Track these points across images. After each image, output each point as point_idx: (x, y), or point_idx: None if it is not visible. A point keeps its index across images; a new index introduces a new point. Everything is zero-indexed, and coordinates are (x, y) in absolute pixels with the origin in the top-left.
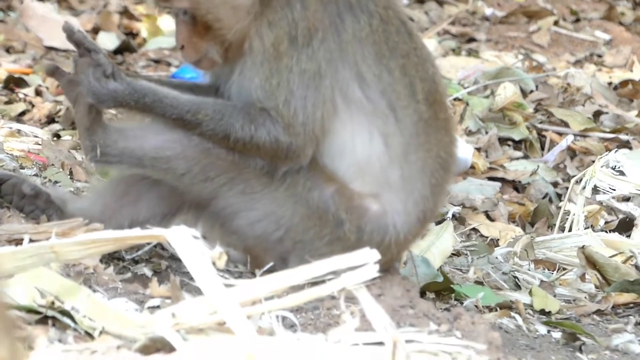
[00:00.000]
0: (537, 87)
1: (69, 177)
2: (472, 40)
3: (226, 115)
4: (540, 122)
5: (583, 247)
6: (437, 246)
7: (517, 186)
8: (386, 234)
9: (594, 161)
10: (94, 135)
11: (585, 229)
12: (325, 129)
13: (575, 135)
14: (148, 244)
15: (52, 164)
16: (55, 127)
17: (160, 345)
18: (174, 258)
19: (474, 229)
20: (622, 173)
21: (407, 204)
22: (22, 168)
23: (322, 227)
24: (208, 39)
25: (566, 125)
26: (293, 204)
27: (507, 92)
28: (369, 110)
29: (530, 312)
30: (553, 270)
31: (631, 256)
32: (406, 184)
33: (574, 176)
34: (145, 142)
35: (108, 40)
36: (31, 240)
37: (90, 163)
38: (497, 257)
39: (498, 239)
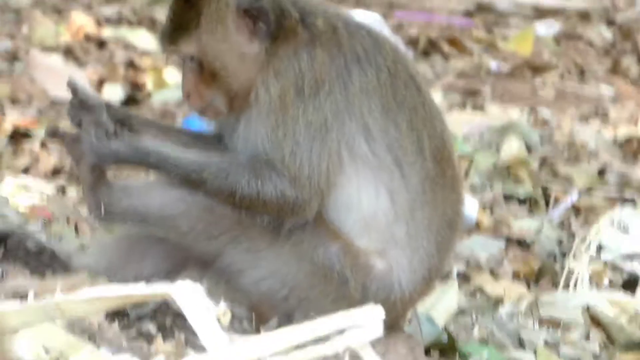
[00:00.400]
0: (542, 142)
1: (74, 232)
2: (477, 94)
3: (232, 172)
4: (546, 179)
5: (588, 306)
6: (441, 304)
7: (522, 244)
8: (391, 292)
9: (599, 219)
10: (98, 193)
11: (590, 287)
12: (330, 182)
13: (580, 192)
14: (153, 300)
15: (58, 219)
16: (61, 181)
17: None
18: (179, 314)
19: (478, 287)
20: (627, 231)
21: (413, 262)
22: (27, 223)
23: (327, 285)
24: (214, 87)
25: (571, 182)
26: (298, 262)
27: (512, 148)
28: (375, 165)
29: None
30: (558, 329)
31: (636, 315)
32: (412, 241)
33: (578, 234)
34: (149, 200)
35: (113, 92)
36: (36, 296)
37: (95, 220)
38: (501, 316)
39: (502, 297)
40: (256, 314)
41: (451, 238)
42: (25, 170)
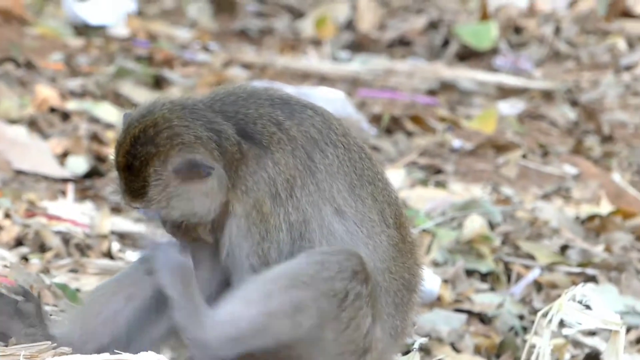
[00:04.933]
0: (504, 219)
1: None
2: (440, 172)
3: None
4: (507, 255)
5: None
6: None
7: (484, 318)
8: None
9: (560, 295)
10: None
11: None
12: None
13: (542, 268)
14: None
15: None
16: (24, 250)
17: None
18: None
19: None
20: (588, 307)
21: None
22: None
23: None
24: (192, 227)
25: (533, 258)
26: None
27: (474, 225)
28: (350, 242)
29: None
30: None
31: None
32: None
33: (540, 309)
34: None
35: (77, 165)
36: None
37: None
38: None
39: None
40: None
41: (409, 299)
42: None
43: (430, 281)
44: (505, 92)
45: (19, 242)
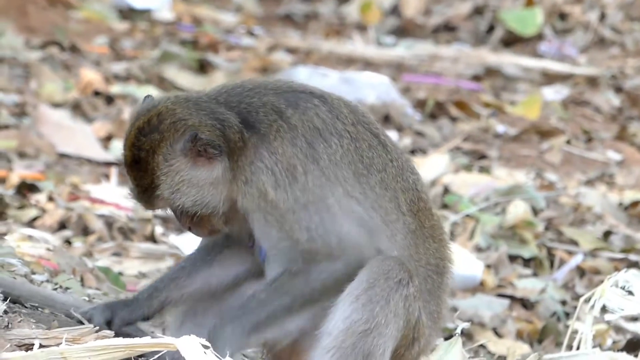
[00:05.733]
0: (547, 205)
1: (80, 283)
2: (484, 157)
3: (291, 289)
4: (550, 241)
5: None
6: None
7: (526, 304)
8: None
9: (602, 281)
10: None
11: (593, 348)
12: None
13: (584, 254)
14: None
15: (64, 270)
16: (67, 233)
17: None
18: None
19: (482, 345)
20: (631, 293)
21: None
22: (34, 273)
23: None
24: (203, 217)
25: (576, 244)
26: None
27: (517, 210)
28: (370, 226)
29: None
30: None
31: None
32: None
33: (582, 295)
34: None
35: (120, 148)
36: (41, 346)
37: None
38: None
39: (506, 356)
40: None
41: (440, 283)
42: (32, 222)
43: (473, 266)
44: (549, 78)
45: (62, 226)
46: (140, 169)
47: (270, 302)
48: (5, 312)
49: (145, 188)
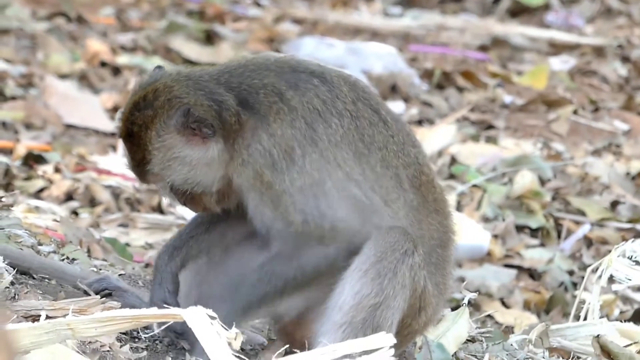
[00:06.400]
0: (555, 175)
1: (86, 254)
2: (491, 127)
3: (278, 273)
4: (558, 211)
5: (598, 336)
6: (452, 332)
7: (533, 274)
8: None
9: (610, 251)
10: None
11: (600, 318)
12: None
13: (592, 224)
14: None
15: (70, 241)
16: (74, 204)
17: None
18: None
19: (489, 315)
20: (638, 263)
21: None
22: (40, 245)
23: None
24: (196, 195)
25: (583, 214)
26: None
27: (525, 180)
28: (370, 208)
29: None
30: (567, 359)
31: None
32: None
33: (589, 265)
34: None
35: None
36: (48, 317)
37: None
38: (512, 344)
39: (513, 326)
40: (286, 337)
41: (445, 255)
42: (39, 193)
43: (481, 236)
44: (556, 48)
45: (69, 197)
46: (134, 143)
47: (261, 287)
48: (12, 283)
49: (138, 162)
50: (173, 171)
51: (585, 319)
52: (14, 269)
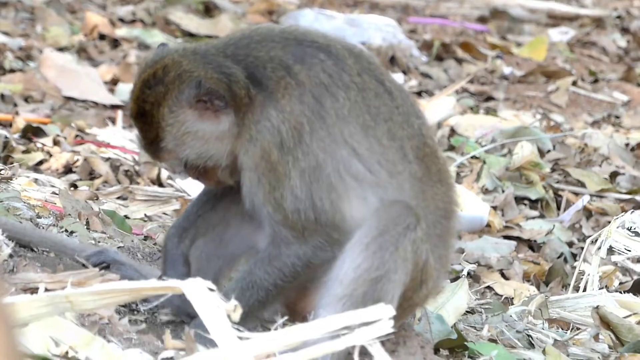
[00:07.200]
0: (554, 146)
1: (85, 227)
2: (490, 98)
3: (260, 276)
4: (557, 182)
5: (597, 307)
6: (451, 303)
7: (533, 245)
8: None
9: (609, 222)
10: None
11: (599, 289)
12: (341, 213)
13: (591, 195)
14: (164, 295)
15: (69, 214)
16: (73, 177)
17: None
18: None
19: (488, 287)
20: (637, 234)
21: None
22: (39, 217)
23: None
24: (209, 169)
25: (583, 185)
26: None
27: (524, 151)
28: (374, 182)
29: None
30: (567, 330)
31: None
32: None
33: (589, 236)
34: None
35: (126, 92)
36: (46, 290)
37: None
38: (511, 316)
39: (512, 298)
40: (287, 309)
41: (449, 227)
42: (37, 166)
43: (480, 208)
44: (555, 19)
45: (68, 169)
46: (146, 122)
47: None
48: (11, 255)
49: (152, 140)
50: (187, 146)
51: (584, 290)
52: (13, 241)
